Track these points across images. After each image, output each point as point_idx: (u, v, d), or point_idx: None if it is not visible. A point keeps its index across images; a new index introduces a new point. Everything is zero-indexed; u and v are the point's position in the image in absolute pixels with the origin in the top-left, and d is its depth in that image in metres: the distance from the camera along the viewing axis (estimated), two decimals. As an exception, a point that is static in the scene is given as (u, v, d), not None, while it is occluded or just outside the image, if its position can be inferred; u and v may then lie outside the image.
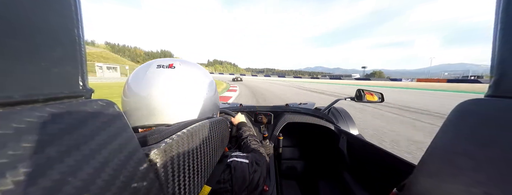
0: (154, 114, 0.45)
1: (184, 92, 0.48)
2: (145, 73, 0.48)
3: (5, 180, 0.12)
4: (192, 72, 0.51)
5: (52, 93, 0.16)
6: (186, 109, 0.48)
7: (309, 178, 1.39)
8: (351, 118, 1.45)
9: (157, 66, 0.48)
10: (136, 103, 0.46)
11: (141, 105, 0.45)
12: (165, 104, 0.45)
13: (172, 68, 0.48)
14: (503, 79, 0.22)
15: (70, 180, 0.14)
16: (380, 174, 0.78)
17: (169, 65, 0.49)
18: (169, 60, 0.51)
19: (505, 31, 0.22)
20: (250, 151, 0.68)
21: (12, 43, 0.14)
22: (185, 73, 0.49)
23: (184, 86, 0.48)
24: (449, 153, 0.24)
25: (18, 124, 0.13)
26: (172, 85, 0.46)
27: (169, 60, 0.51)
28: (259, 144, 0.75)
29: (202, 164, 0.37)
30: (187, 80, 0.49)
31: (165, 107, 0.45)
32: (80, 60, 0.19)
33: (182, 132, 0.34)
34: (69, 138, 0.15)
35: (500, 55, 0.22)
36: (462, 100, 0.26)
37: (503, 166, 0.19)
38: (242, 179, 0.49)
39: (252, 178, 0.51)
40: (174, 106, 0.46)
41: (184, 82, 0.48)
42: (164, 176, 0.27)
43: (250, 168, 0.52)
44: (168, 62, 0.50)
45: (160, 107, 0.45)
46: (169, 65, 0.49)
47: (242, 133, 0.80)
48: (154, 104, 0.45)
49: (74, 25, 0.18)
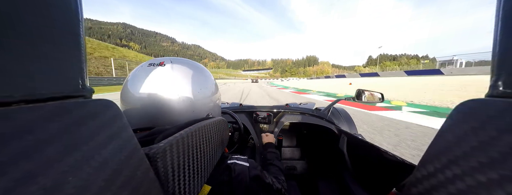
0: (147, 113, 0.45)
1: (170, 89, 0.45)
2: (135, 71, 0.47)
3: (5, 180, 0.12)
4: (182, 70, 0.49)
5: (52, 93, 0.16)
6: (174, 107, 0.46)
7: (309, 178, 1.38)
8: (351, 118, 1.44)
9: (148, 65, 0.47)
10: (126, 101, 0.46)
11: (131, 102, 0.45)
12: (151, 102, 0.44)
13: (162, 66, 0.47)
14: (503, 79, 0.22)
15: (70, 180, 0.14)
16: (380, 174, 0.78)
17: (160, 63, 0.47)
18: (162, 59, 0.49)
19: (505, 31, 0.22)
20: (269, 173, 0.66)
21: (12, 43, 0.13)
22: (174, 71, 0.47)
23: (170, 84, 0.45)
24: (449, 153, 0.24)
25: (18, 124, 0.13)
26: (157, 82, 0.45)
27: (162, 59, 0.49)
28: (279, 171, 0.75)
29: (202, 164, 0.37)
30: (174, 78, 0.46)
31: (152, 104, 0.44)
32: (80, 60, 0.19)
33: (182, 132, 0.34)
34: (69, 138, 0.15)
35: (500, 55, 0.22)
36: None
37: (503, 167, 0.19)
38: (242, 182, 0.48)
39: (251, 184, 0.49)
40: (161, 103, 0.45)
41: (171, 79, 0.46)
42: (164, 176, 0.27)
43: (250, 171, 0.51)
44: (161, 60, 0.48)
45: (149, 105, 0.44)
46: (160, 63, 0.47)
47: (267, 154, 0.82)
48: (141, 102, 0.44)
49: (75, 25, 0.18)
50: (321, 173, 1.31)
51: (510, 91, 0.21)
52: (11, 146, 0.12)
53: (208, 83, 0.55)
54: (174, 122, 0.45)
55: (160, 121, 0.45)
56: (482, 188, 0.20)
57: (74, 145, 0.15)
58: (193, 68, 0.52)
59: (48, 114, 0.15)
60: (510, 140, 0.19)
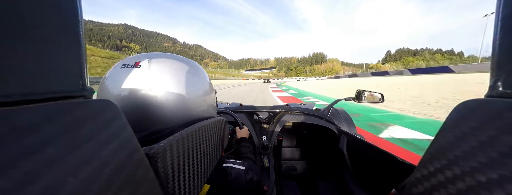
0: (132, 119, 0.39)
1: (149, 91, 0.40)
2: (107, 75, 0.43)
3: (5, 179, 0.11)
4: (163, 71, 0.42)
5: (52, 93, 0.16)
6: (158, 111, 0.40)
7: (309, 178, 1.39)
8: (351, 118, 1.43)
9: (121, 66, 0.41)
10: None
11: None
12: (133, 107, 0.39)
13: (137, 67, 0.41)
14: (503, 79, 0.22)
15: (70, 180, 0.14)
16: (380, 175, 0.78)
17: (135, 63, 0.41)
18: (137, 58, 0.43)
19: (505, 31, 0.22)
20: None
21: (12, 43, 0.13)
22: (153, 72, 0.41)
23: (148, 86, 0.40)
24: (449, 153, 0.24)
25: (18, 124, 0.13)
26: (133, 86, 0.39)
27: (138, 58, 0.43)
28: (254, 164, 0.76)
29: (202, 164, 0.37)
30: (154, 81, 0.41)
31: (134, 109, 0.39)
32: (80, 60, 0.19)
33: (182, 132, 0.33)
34: (69, 138, 0.15)
35: (500, 55, 0.22)
36: None
37: (503, 167, 0.19)
38: (238, 186, 0.50)
39: (247, 186, 0.52)
40: (145, 109, 0.40)
41: (149, 81, 0.40)
42: (164, 176, 0.27)
43: (246, 175, 0.53)
44: (135, 60, 0.42)
45: (130, 110, 0.39)
46: (135, 64, 0.41)
47: (241, 148, 0.84)
48: (126, 108, 0.39)
49: (75, 25, 0.18)
50: (321, 174, 1.31)
51: (510, 91, 0.21)
52: (11, 146, 0.12)
53: (198, 83, 0.49)
54: (164, 124, 0.41)
55: (146, 127, 0.41)
56: (482, 188, 0.20)
57: (74, 145, 0.15)
58: (176, 67, 0.45)
59: (48, 114, 0.14)
60: (510, 140, 0.19)
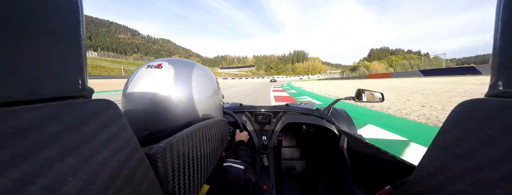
0: (148, 115, 0.44)
1: (167, 92, 0.45)
2: (136, 73, 0.48)
3: (5, 179, 0.11)
4: (180, 72, 0.49)
5: (52, 93, 0.16)
6: (171, 109, 0.45)
7: (309, 178, 1.39)
8: (350, 118, 1.43)
9: (147, 66, 0.48)
10: (128, 103, 0.45)
11: (134, 105, 0.45)
12: (151, 105, 0.44)
13: (159, 68, 0.47)
14: (503, 79, 0.22)
15: (70, 180, 0.14)
16: (380, 175, 0.78)
17: (157, 65, 0.48)
18: (160, 60, 0.50)
19: (505, 31, 0.21)
20: None
21: (12, 43, 0.13)
22: (172, 72, 0.47)
23: (167, 86, 0.46)
24: (449, 153, 0.24)
25: (18, 124, 0.13)
26: (155, 85, 0.45)
27: (160, 60, 0.50)
28: (250, 167, 0.78)
29: (202, 164, 0.37)
30: (172, 80, 0.46)
31: (152, 107, 0.44)
32: (80, 60, 0.19)
33: (182, 132, 0.33)
34: (69, 138, 0.15)
35: (501, 55, 0.22)
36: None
37: (503, 167, 0.19)
38: (238, 184, 0.51)
39: (247, 186, 0.53)
40: (161, 107, 0.44)
41: (169, 82, 0.46)
42: (164, 176, 0.27)
43: (245, 174, 0.54)
44: (158, 62, 0.49)
45: (149, 108, 0.44)
46: (157, 65, 0.48)
47: (238, 151, 0.84)
48: (142, 105, 0.44)
49: (75, 25, 0.18)
50: (320, 173, 1.30)
51: (510, 90, 0.21)
52: (11, 146, 0.12)
53: (209, 85, 0.54)
54: (173, 124, 0.45)
55: (159, 125, 0.45)
56: (482, 188, 0.20)
57: (74, 145, 0.15)
58: (191, 70, 0.52)
59: (48, 114, 0.14)
60: (510, 140, 0.19)
